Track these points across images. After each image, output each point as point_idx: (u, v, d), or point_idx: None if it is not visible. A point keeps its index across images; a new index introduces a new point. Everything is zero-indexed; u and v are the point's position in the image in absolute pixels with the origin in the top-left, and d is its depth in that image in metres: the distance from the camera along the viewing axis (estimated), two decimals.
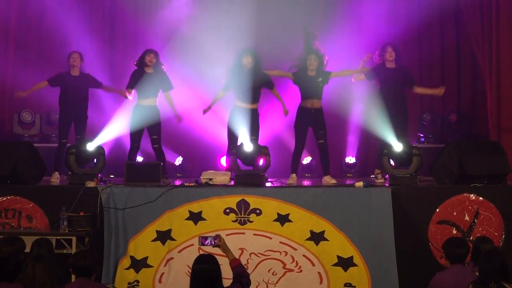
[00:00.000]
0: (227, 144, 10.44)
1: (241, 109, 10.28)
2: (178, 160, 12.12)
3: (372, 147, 11.79)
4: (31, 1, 12.31)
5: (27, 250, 7.09)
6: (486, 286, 5.89)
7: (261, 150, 9.68)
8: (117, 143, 11.51)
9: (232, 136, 10.30)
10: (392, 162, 9.76)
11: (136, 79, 10.39)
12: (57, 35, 12.22)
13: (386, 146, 9.92)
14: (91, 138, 10.20)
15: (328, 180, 10.15)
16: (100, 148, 9.88)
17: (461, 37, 12.48)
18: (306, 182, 10.93)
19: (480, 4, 11.95)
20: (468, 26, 12.04)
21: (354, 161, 12.23)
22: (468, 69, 12.49)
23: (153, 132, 10.37)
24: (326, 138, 10.37)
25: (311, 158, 12.11)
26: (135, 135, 10.36)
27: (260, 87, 10.33)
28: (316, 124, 10.31)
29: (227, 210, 9.02)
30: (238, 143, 10.03)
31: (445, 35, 12.66)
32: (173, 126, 11.16)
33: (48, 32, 12.37)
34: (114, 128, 10.61)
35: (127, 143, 10.81)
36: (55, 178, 10.28)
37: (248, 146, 9.71)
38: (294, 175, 10.26)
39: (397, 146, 9.68)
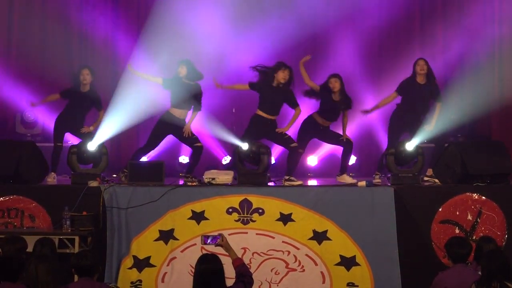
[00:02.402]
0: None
1: (262, 119, 10.16)
2: (183, 159, 12.16)
3: (374, 148, 11.82)
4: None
5: (30, 249, 7.08)
6: (489, 286, 5.90)
7: (259, 150, 9.68)
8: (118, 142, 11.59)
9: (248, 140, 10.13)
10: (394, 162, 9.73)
11: (171, 85, 10.31)
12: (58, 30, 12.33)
13: (391, 146, 9.95)
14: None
15: (347, 179, 10.13)
16: (102, 148, 9.87)
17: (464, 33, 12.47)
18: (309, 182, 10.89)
19: (483, 1, 11.98)
20: (470, 20, 12.06)
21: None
22: (470, 66, 12.34)
23: (191, 140, 10.29)
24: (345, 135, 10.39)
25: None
26: (154, 138, 10.33)
27: (282, 102, 10.24)
28: (324, 135, 10.40)
29: (230, 210, 9.04)
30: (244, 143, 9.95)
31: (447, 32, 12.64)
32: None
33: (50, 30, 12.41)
34: (111, 126, 10.59)
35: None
36: (51, 178, 10.26)
37: (245, 145, 9.72)
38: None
39: (409, 145, 9.68)
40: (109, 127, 10.31)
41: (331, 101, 10.22)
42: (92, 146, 9.79)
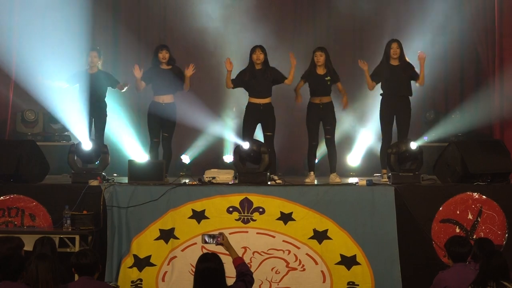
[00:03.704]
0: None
1: (254, 105, 10.34)
2: (186, 158, 12.23)
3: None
4: None
5: (30, 248, 7.11)
6: (485, 286, 5.94)
7: (260, 149, 9.66)
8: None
9: (247, 133, 10.31)
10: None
11: (150, 75, 10.47)
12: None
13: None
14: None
15: (333, 178, 10.22)
16: (102, 147, 9.89)
17: (465, 33, 12.46)
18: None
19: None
20: (471, 21, 12.04)
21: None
22: (471, 66, 12.44)
23: (165, 129, 10.46)
24: (334, 134, 10.44)
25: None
26: (153, 131, 10.49)
27: (271, 83, 10.38)
28: (325, 119, 10.38)
29: (230, 209, 9.03)
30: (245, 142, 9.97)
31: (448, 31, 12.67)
32: (177, 125, 11.12)
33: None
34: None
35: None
36: None
37: (245, 145, 9.70)
38: (312, 173, 10.34)
39: (412, 145, 9.64)
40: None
41: (316, 75, 10.35)
42: (87, 145, 9.77)
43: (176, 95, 10.53)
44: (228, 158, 11.86)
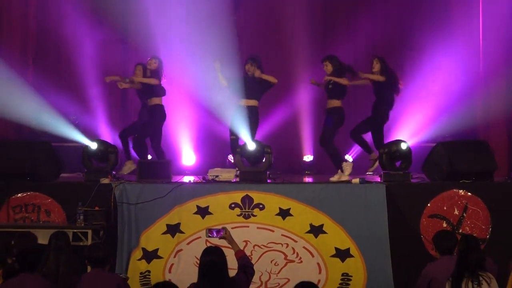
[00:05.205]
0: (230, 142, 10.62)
1: (240, 107, 10.51)
2: (186, 158, 12.41)
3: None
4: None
5: (45, 242, 7.20)
6: (461, 277, 6.20)
7: (263, 149, 9.84)
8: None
9: (232, 135, 10.49)
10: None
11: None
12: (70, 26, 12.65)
13: (384, 144, 10.09)
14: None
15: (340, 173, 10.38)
16: (110, 147, 10.05)
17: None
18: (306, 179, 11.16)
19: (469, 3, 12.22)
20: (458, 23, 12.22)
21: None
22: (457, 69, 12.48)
23: (149, 132, 10.87)
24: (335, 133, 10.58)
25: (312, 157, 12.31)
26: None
27: (259, 86, 10.51)
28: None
29: (232, 205, 9.27)
30: (240, 142, 10.19)
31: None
32: (178, 125, 11.50)
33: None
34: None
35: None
36: (128, 167, 10.70)
37: (251, 145, 9.86)
38: (339, 170, 10.36)
39: (403, 145, 9.74)
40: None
41: (324, 81, 10.53)
42: (93, 145, 9.96)
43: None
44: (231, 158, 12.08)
